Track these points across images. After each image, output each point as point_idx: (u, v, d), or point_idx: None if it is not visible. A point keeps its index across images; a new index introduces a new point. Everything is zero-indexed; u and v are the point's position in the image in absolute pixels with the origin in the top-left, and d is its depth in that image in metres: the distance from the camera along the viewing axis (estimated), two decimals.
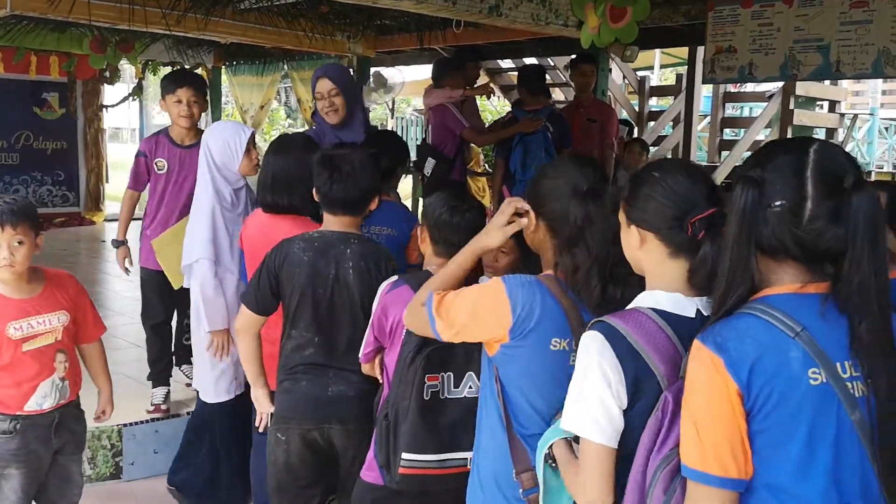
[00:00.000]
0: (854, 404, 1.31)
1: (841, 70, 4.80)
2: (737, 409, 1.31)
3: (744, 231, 1.34)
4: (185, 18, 5.99)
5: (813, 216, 1.31)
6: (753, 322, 1.33)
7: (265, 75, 9.57)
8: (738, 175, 1.40)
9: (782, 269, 1.38)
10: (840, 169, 1.33)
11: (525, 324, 1.77)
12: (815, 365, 1.30)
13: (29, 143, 10.31)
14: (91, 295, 2.95)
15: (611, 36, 5.11)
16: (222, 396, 3.39)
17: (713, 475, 1.31)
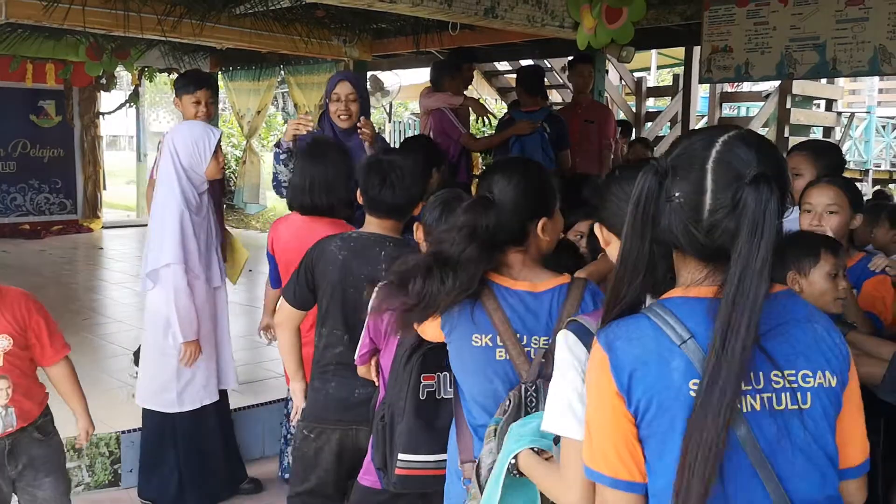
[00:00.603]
0: (740, 419, 1.22)
1: (837, 68, 4.79)
2: (619, 410, 1.27)
3: (637, 220, 1.28)
4: (180, 24, 5.99)
5: (712, 210, 1.23)
6: (645, 325, 1.28)
7: (262, 80, 9.56)
8: (648, 163, 1.33)
9: (686, 266, 1.32)
10: (743, 161, 1.24)
11: (448, 323, 1.92)
12: (697, 376, 1.22)
13: (26, 151, 10.31)
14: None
15: (607, 37, 5.10)
16: (186, 406, 3.36)
17: (603, 474, 1.29)
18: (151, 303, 3.37)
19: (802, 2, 4.82)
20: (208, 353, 3.43)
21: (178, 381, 3.33)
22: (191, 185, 3.28)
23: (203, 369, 3.39)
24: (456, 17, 4.72)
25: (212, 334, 3.46)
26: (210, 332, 3.45)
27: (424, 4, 4.29)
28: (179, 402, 3.35)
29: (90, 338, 5.58)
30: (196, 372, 3.36)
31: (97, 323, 6.02)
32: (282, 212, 12.01)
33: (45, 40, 7.65)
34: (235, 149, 12.35)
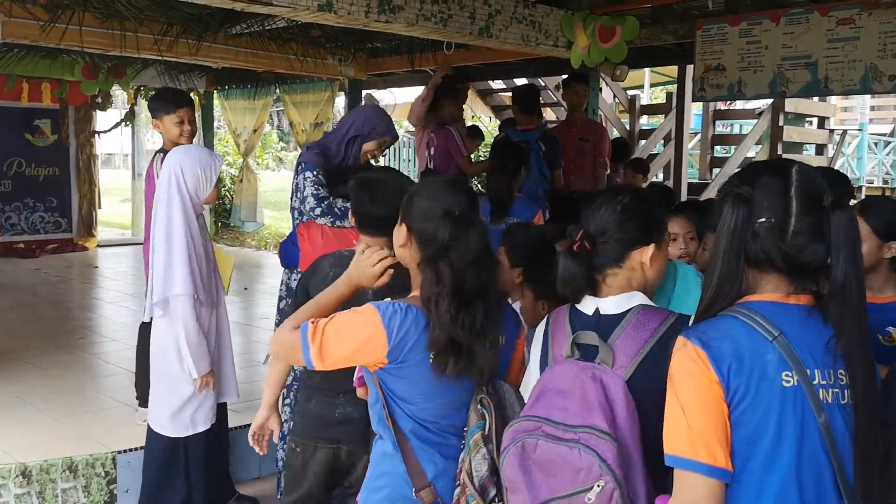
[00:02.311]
0: (820, 408, 1.40)
1: (829, 86, 4.84)
2: (721, 400, 1.41)
3: (734, 244, 1.45)
4: (176, 44, 6.02)
5: (796, 231, 1.42)
6: (735, 324, 1.44)
7: (257, 99, 9.61)
8: (726, 192, 1.50)
9: (766, 279, 1.48)
10: (820, 189, 1.45)
11: (401, 348, 1.87)
12: (789, 368, 1.40)
13: (21, 169, 10.30)
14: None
15: (600, 55, 5.15)
16: (199, 427, 3.35)
17: (703, 463, 1.39)
18: (159, 331, 3.35)
19: (794, 21, 4.88)
20: (217, 374, 3.44)
21: (192, 403, 3.33)
22: (193, 210, 3.29)
23: (211, 389, 3.39)
24: (451, 37, 4.76)
25: (214, 352, 3.46)
26: (213, 349, 3.45)
27: (420, 24, 4.32)
28: (193, 424, 3.34)
29: (85, 356, 5.56)
30: (206, 393, 3.36)
31: (92, 342, 6.00)
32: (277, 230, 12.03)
33: (41, 59, 7.67)
34: (231, 167, 12.36)
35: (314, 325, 1.89)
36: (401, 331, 1.86)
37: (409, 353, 1.87)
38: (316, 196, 3.36)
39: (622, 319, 1.74)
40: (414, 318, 1.88)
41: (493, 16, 4.69)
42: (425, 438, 1.93)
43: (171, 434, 3.37)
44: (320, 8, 3.87)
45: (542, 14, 4.99)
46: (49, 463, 3.61)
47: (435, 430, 1.94)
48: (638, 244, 1.78)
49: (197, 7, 4.96)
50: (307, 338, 1.87)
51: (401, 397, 1.93)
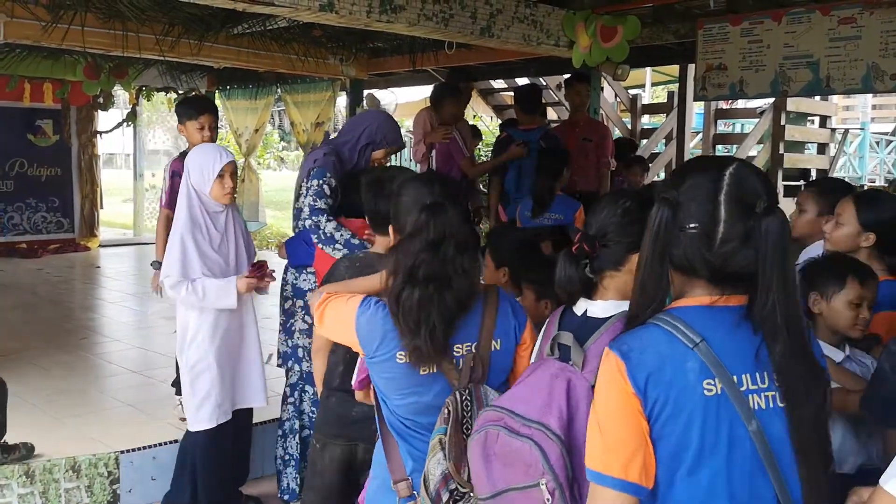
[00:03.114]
0: (751, 416, 1.33)
1: (831, 85, 4.84)
2: (638, 415, 1.34)
3: (657, 250, 1.39)
4: (178, 44, 6.03)
5: (725, 239, 1.35)
6: (656, 332, 1.38)
7: (259, 99, 9.61)
8: (656, 193, 1.44)
9: (694, 283, 1.42)
10: (753, 193, 1.36)
11: (370, 344, 1.95)
12: (711, 376, 1.33)
13: (23, 170, 10.31)
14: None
15: (602, 55, 5.16)
16: (203, 424, 3.35)
17: (614, 477, 1.34)
18: (178, 320, 3.43)
19: (796, 20, 4.88)
20: (225, 371, 3.42)
21: (195, 398, 3.33)
22: (201, 204, 3.33)
23: (219, 388, 3.38)
24: (452, 37, 4.76)
25: (235, 351, 3.47)
26: (235, 349, 3.45)
27: (421, 24, 4.33)
28: (197, 420, 3.34)
29: (87, 357, 5.57)
30: (211, 391, 3.35)
31: (94, 342, 6.00)
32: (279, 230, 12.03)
33: (42, 60, 7.68)
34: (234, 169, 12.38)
35: (327, 296, 2.07)
36: (366, 327, 1.94)
37: (378, 348, 1.94)
38: (312, 207, 3.36)
39: (603, 324, 1.74)
40: (382, 318, 1.93)
41: (495, 15, 4.70)
42: (403, 433, 1.98)
43: (189, 427, 3.41)
44: (322, 8, 3.87)
45: (543, 14, 4.99)
46: (52, 463, 3.61)
47: (412, 427, 1.97)
48: (638, 248, 1.79)
49: (199, 7, 4.97)
50: (316, 304, 2.08)
51: (381, 390, 2.01)
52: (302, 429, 3.64)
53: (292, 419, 3.66)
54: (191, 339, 3.34)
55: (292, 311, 3.60)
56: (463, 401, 1.85)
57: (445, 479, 1.80)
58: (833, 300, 2.36)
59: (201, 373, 3.34)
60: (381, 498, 2.04)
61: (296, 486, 3.66)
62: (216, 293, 3.28)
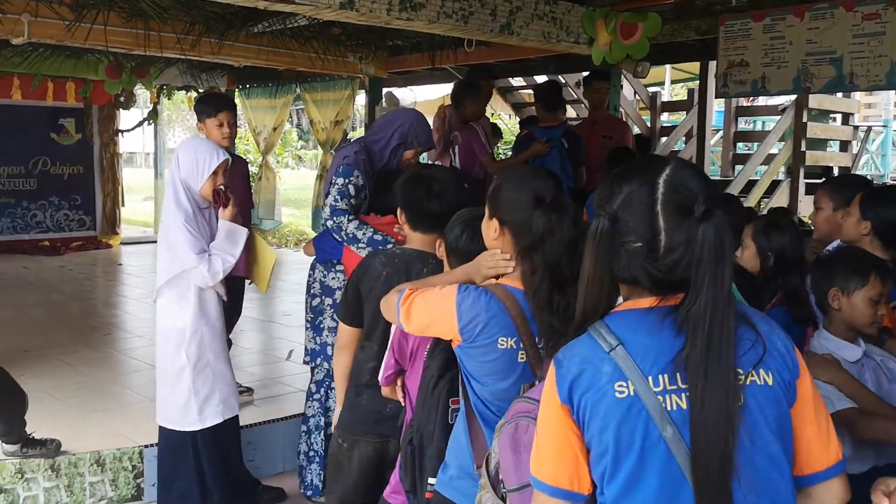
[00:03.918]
0: (666, 419, 1.30)
1: (854, 82, 4.79)
2: (564, 422, 1.37)
3: (598, 265, 1.39)
4: (199, 43, 6.07)
5: (668, 249, 1.32)
6: (585, 340, 1.39)
7: (278, 97, 9.66)
8: (595, 205, 1.42)
9: (634, 293, 1.41)
10: (690, 197, 1.32)
11: (472, 330, 1.96)
12: (624, 379, 1.32)
13: (46, 168, 10.43)
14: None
15: (622, 52, 5.14)
16: (207, 422, 3.34)
17: (545, 483, 1.38)
18: (161, 319, 3.34)
19: (819, 16, 4.83)
20: (224, 368, 3.44)
21: (197, 397, 3.31)
22: (190, 198, 3.27)
23: (221, 384, 3.39)
24: (472, 34, 4.77)
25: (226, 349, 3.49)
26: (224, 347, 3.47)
27: (441, 21, 4.33)
28: (201, 419, 3.33)
29: (111, 353, 5.63)
30: (214, 387, 3.35)
31: (118, 338, 6.07)
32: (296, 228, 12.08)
33: (65, 59, 7.77)
34: (251, 165, 12.43)
35: (410, 292, 2.08)
36: (470, 313, 1.96)
37: (479, 335, 1.96)
38: (333, 208, 3.37)
39: None
40: (486, 303, 1.96)
41: (514, 13, 4.69)
42: (488, 419, 1.99)
43: (179, 428, 3.35)
44: (342, 6, 3.89)
45: (563, 11, 4.98)
46: (77, 457, 3.66)
47: (497, 412, 1.97)
48: None
49: (220, 6, 5.00)
50: (400, 300, 2.07)
51: (472, 374, 2.02)
52: (327, 426, 3.65)
53: (318, 416, 3.68)
54: (190, 337, 3.28)
55: (321, 308, 3.61)
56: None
57: None
58: (854, 296, 2.34)
59: (203, 370, 3.32)
60: (460, 484, 2.02)
61: (319, 482, 3.69)
62: (233, 240, 3.30)
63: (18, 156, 10.17)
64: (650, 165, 1.39)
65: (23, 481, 3.54)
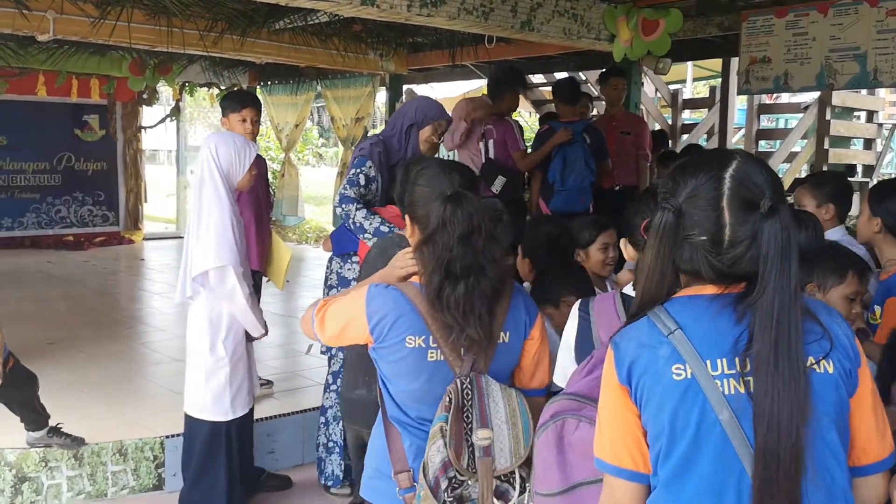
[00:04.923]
0: (722, 402, 1.32)
1: (879, 78, 4.75)
2: (623, 402, 1.39)
3: (661, 255, 1.39)
4: (221, 39, 6.13)
5: (732, 243, 1.33)
6: (643, 323, 1.41)
7: (299, 94, 9.71)
8: (658, 197, 1.43)
9: (696, 283, 1.42)
10: (756, 192, 1.33)
11: (381, 329, 1.93)
12: (682, 361, 1.34)
13: (70, 164, 10.56)
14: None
15: (643, 49, 5.12)
16: (238, 412, 3.39)
17: (608, 463, 1.41)
18: (194, 314, 3.38)
19: (842, 12, 4.79)
20: (250, 360, 3.49)
21: (231, 388, 3.36)
22: (228, 191, 3.34)
23: (248, 374, 3.45)
24: (492, 31, 4.77)
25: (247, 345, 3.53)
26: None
27: (461, 18, 4.34)
28: (233, 409, 3.38)
29: (134, 346, 5.70)
30: (244, 378, 3.42)
31: (140, 332, 6.14)
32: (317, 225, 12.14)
33: (90, 56, 7.87)
34: (273, 162, 12.52)
35: (323, 303, 2.05)
36: (379, 312, 1.92)
37: (387, 334, 1.92)
38: (342, 195, 3.42)
39: None
40: (394, 301, 1.93)
41: (535, 9, 4.69)
42: (404, 423, 1.97)
43: (213, 418, 3.38)
44: (363, 2, 3.91)
45: (584, 7, 4.97)
46: (100, 446, 3.71)
47: (413, 416, 1.95)
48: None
49: (242, 2, 5.05)
50: (315, 311, 2.05)
51: (386, 376, 1.99)
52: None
53: (335, 406, 3.70)
54: (226, 329, 3.34)
55: None
56: (464, 389, 1.85)
57: (445, 466, 1.80)
58: (830, 293, 2.35)
59: (238, 361, 3.38)
60: (378, 484, 2.03)
61: (340, 472, 3.72)
62: (256, 311, 3.41)
63: (43, 152, 10.30)
64: (717, 159, 1.40)
65: (46, 469, 3.60)
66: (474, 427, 1.83)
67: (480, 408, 1.85)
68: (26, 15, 5.14)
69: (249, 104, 4.20)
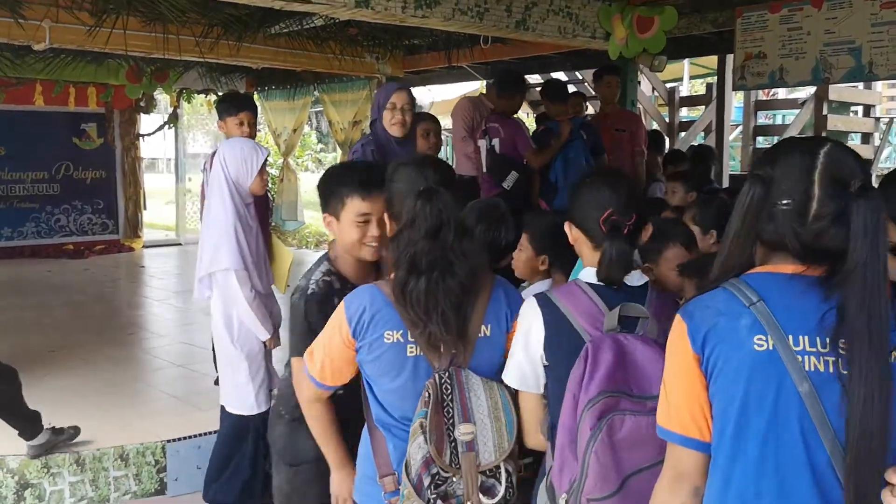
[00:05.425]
0: (803, 377, 1.33)
1: (874, 72, 4.75)
2: (694, 372, 1.41)
3: (746, 224, 1.42)
4: (217, 45, 6.14)
5: (817, 216, 1.36)
6: (720, 293, 1.43)
7: (296, 99, 9.72)
8: (750, 169, 1.45)
9: (774, 255, 1.44)
10: (848, 173, 1.37)
11: (361, 327, 1.91)
12: (763, 332, 1.36)
13: (69, 173, 10.56)
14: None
15: (639, 46, 5.13)
16: (263, 407, 3.43)
17: (675, 433, 1.43)
18: (214, 311, 3.48)
19: (837, 6, 4.80)
20: (267, 357, 3.54)
21: (254, 383, 3.42)
22: (239, 197, 3.41)
23: (270, 370, 3.51)
24: (487, 31, 4.78)
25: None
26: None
27: (456, 18, 4.35)
28: (258, 404, 3.44)
29: (135, 352, 5.70)
30: (265, 374, 3.47)
31: (141, 338, 6.14)
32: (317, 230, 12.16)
33: (87, 65, 7.87)
34: (272, 167, 12.53)
35: (307, 353, 2.03)
36: (358, 310, 1.91)
37: (367, 330, 1.90)
38: None
39: (644, 291, 1.83)
40: (370, 297, 1.92)
41: (530, 8, 4.70)
42: (388, 425, 1.94)
43: (240, 412, 3.45)
44: (357, 4, 3.92)
45: (579, 5, 4.98)
46: (101, 452, 3.71)
47: (398, 417, 1.92)
48: None
49: (236, 7, 5.06)
50: (307, 368, 2.02)
51: (370, 377, 1.95)
52: None
53: None
54: (237, 328, 3.41)
55: None
56: (442, 384, 1.83)
57: (427, 463, 1.77)
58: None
59: (255, 357, 3.45)
60: (366, 489, 2.01)
61: None
62: (261, 315, 3.41)
63: (42, 161, 10.30)
64: (813, 140, 1.46)
65: (49, 476, 3.61)
66: (456, 422, 1.80)
67: (461, 402, 1.82)
68: (22, 24, 5.15)
69: (246, 107, 4.22)
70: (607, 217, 1.83)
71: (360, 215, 2.18)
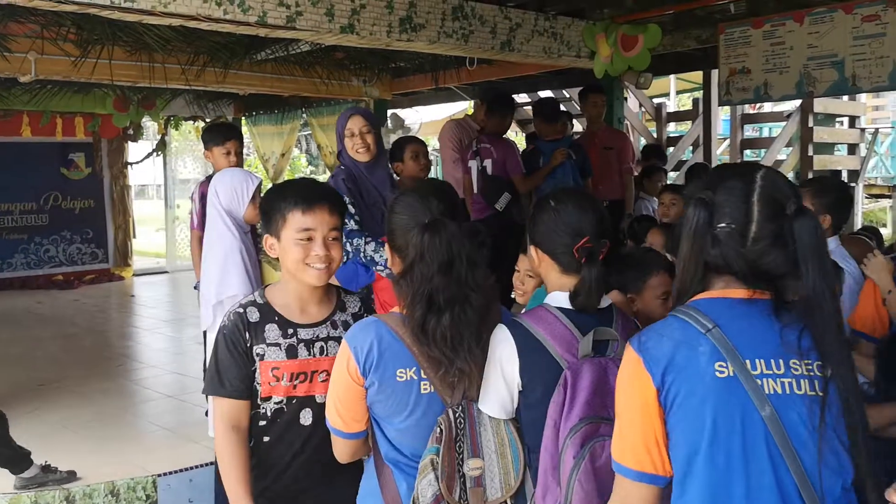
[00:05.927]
0: (764, 400, 1.36)
1: (857, 84, 4.78)
2: (652, 406, 1.40)
3: (695, 248, 1.45)
4: (203, 72, 6.14)
5: (757, 237, 1.41)
6: (673, 322, 1.44)
7: (284, 124, 9.72)
8: (688, 196, 1.51)
9: (717, 279, 1.48)
10: (783, 195, 1.43)
11: (370, 363, 1.82)
12: (723, 359, 1.37)
13: (57, 203, 10.52)
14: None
15: (624, 64, 5.15)
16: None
17: (629, 468, 1.42)
18: (213, 339, 3.44)
19: (818, 20, 4.83)
20: None
21: None
22: (236, 226, 3.43)
23: None
24: (473, 52, 4.79)
25: None
26: None
27: (441, 41, 4.36)
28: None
29: (125, 383, 5.65)
30: None
31: (131, 369, 6.09)
32: None
33: (73, 95, 7.87)
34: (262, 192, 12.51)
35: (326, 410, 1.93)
36: (364, 345, 1.83)
37: (377, 365, 1.82)
38: (346, 231, 3.35)
39: (610, 313, 1.83)
40: (376, 332, 1.84)
41: (515, 29, 4.72)
42: (398, 463, 1.87)
43: None
44: (342, 30, 3.93)
45: (563, 26, 5.01)
46: (92, 488, 3.65)
47: (409, 454, 1.86)
48: None
49: (222, 35, 5.06)
50: (330, 424, 1.91)
51: (380, 416, 1.88)
52: None
53: None
54: None
55: None
56: (457, 419, 1.79)
57: (437, 500, 1.74)
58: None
59: None
60: None
61: None
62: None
63: (30, 192, 10.27)
64: (748, 166, 1.52)
65: None
66: (466, 457, 1.77)
67: (472, 437, 1.80)
68: (7, 57, 5.15)
69: (233, 136, 4.24)
70: (582, 245, 1.80)
71: (302, 231, 1.99)
